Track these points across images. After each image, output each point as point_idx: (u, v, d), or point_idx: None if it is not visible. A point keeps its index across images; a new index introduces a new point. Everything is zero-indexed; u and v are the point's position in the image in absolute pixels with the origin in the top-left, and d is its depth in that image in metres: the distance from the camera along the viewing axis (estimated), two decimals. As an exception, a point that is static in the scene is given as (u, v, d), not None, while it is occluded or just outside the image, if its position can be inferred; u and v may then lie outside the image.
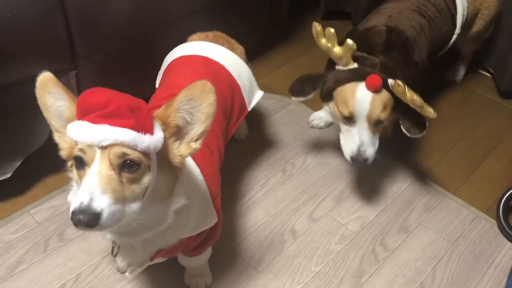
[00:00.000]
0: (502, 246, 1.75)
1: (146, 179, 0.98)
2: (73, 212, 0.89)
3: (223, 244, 1.67)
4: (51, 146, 1.18)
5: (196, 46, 1.67)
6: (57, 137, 1.05)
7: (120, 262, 1.58)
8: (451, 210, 1.86)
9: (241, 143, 2.09)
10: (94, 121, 0.92)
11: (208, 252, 1.49)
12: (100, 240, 1.67)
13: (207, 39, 1.73)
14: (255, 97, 1.77)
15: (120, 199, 0.93)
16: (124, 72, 1.89)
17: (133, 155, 0.94)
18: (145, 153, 0.96)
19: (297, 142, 2.12)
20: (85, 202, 0.89)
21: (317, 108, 2.30)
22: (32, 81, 0.99)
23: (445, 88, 2.48)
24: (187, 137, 1.04)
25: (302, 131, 2.17)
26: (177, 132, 1.04)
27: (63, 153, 1.04)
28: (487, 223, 1.82)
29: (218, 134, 1.49)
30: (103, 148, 0.92)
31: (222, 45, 1.70)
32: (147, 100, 1.52)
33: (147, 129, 0.96)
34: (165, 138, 1.01)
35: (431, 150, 2.13)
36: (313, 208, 1.84)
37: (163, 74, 1.67)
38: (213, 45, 1.67)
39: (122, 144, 0.93)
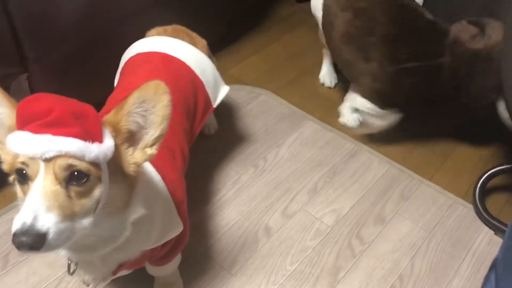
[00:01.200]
0: (479, 232, 1.72)
1: (97, 192, 0.90)
2: (14, 234, 0.81)
3: (194, 248, 1.61)
4: None
5: (154, 42, 1.57)
6: None
7: (84, 274, 1.50)
8: (428, 198, 1.83)
9: (211, 138, 2.01)
10: (35, 130, 0.84)
11: (177, 260, 1.42)
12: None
13: (165, 33, 1.63)
14: (220, 93, 1.69)
15: (68, 216, 0.85)
16: (81, 74, 1.79)
17: (81, 166, 0.86)
18: (95, 163, 0.88)
19: (269, 134, 2.05)
20: (28, 221, 0.80)
21: (287, 97, 2.24)
22: None
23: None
24: (142, 143, 0.96)
25: (274, 122, 2.10)
26: (130, 138, 0.96)
27: (5, 167, 0.95)
28: (464, 209, 1.79)
29: (180, 135, 1.41)
30: (47, 160, 0.84)
31: (182, 39, 1.61)
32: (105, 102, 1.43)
33: (95, 137, 0.88)
34: (116, 145, 0.93)
35: (404, 136, 2.09)
36: (286, 204, 1.78)
37: (120, 73, 1.58)
38: (172, 40, 1.58)
39: (67, 155, 0.85)
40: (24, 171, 0.86)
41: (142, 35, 1.69)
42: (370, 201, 1.80)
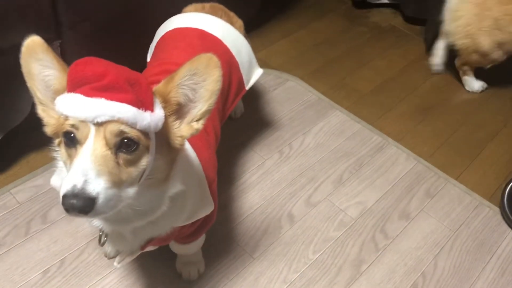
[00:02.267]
0: (505, 235, 1.69)
1: (144, 161, 0.88)
2: (64, 196, 0.79)
3: (217, 229, 1.59)
4: (34, 121, 1.05)
5: (192, 18, 1.54)
6: (41, 111, 0.94)
7: (108, 247, 1.49)
8: (454, 197, 1.80)
9: (237, 122, 1.98)
10: (88, 94, 0.82)
11: (202, 239, 1.40)
12: (86, 222, 1.58)
13: (203, 10, 1.60)
14: (254, 75, 1.66)
15: (117, 183, 0.84)
16: (113, 44, 1.76)
17: (132, 133, 0.84)
18: (144, 132, 0.86)
19: (295, 121, 2.02)
20: (79, 185, 0.79)
21: (314, 85, 2.21)
22: (12, 50, 0.89)
23: (446, 68, 2.38)
24: (189, 116, 0.94)
25: (301, 110, 2.07)
26: (178, 111, 0.94)
27: (48, 130, 0.93)
28: (490, 211, 1.76)
29: (214, 114, 1.39)
30: (98, 124, 0.83)
31: (220, 17, 1.58)
32: (137, 75, 1.40)
33: (147, 105, 0.87)
34: (165, 117, 0.91)
35: (432, 133, 2.05)
36: (311, 192, 1.75)
37: (155, 47, 1.55)
38: (210, 17, 1.55)
39: (120, 121, 0.83)
40: (72, 134, 0.84)
41: (177, 10, 1.65)
42: (396, 196, 1.77)
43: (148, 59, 1.61)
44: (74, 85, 0.84)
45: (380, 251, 1.60)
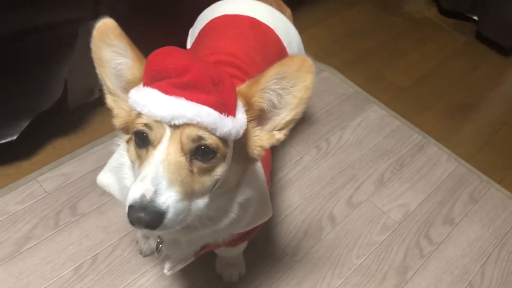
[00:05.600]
0: (551, 245, 1.63)
1: (219, 171, 0.79)
2: (131, 207, 0.71)
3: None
4: (63, 105, 0.96)
5: (242, 4, 1.42)
6: (111, 100, 0.86)
7: (144, 244, 1.41)
8: (498, 202, 1.73)
9: (271, 112, 1.89)
10: (166, 90, 0.73)
11: (246, 241, 1.32)
12: (119, 216, 1.49)
13: (252, -5, 1.48)
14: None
15: (188, 194, 0.75)
16: (151, 25, 1.65)
17: (210, 140, 0.75)
18: (223, 139, 0.77)
19: (332, 115, 1.93)
20: (148, 195, 0.70)
21: (350, 76, 2.11)
22: (49, 29, 0.79)
23: (484, 65, 2.30)
24: (270, 124, 0.84)
25: (337, 103, 1.98)
26: (259, 116, 0.84)
27: (117, 122, 0.85)
28: (536, 219, 1.70)
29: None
30: (175, 127, 0.74)
31: (270, 5, 1.47)
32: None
33: (230, 109, 0.77)
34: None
35: (473, 133, 1.98)
36: (351, 192, 1.67)
37: (200, 33, 1.43)
38: (261, 4, 1.44)
39: (198, 125, 0.73)
40: (145, 134, 0.75)
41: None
42: (438, 199, 1.70)
43: (188, 45, 1.50)
44: (151, 78, 0.75)
45: (425, 257, 1.54)
